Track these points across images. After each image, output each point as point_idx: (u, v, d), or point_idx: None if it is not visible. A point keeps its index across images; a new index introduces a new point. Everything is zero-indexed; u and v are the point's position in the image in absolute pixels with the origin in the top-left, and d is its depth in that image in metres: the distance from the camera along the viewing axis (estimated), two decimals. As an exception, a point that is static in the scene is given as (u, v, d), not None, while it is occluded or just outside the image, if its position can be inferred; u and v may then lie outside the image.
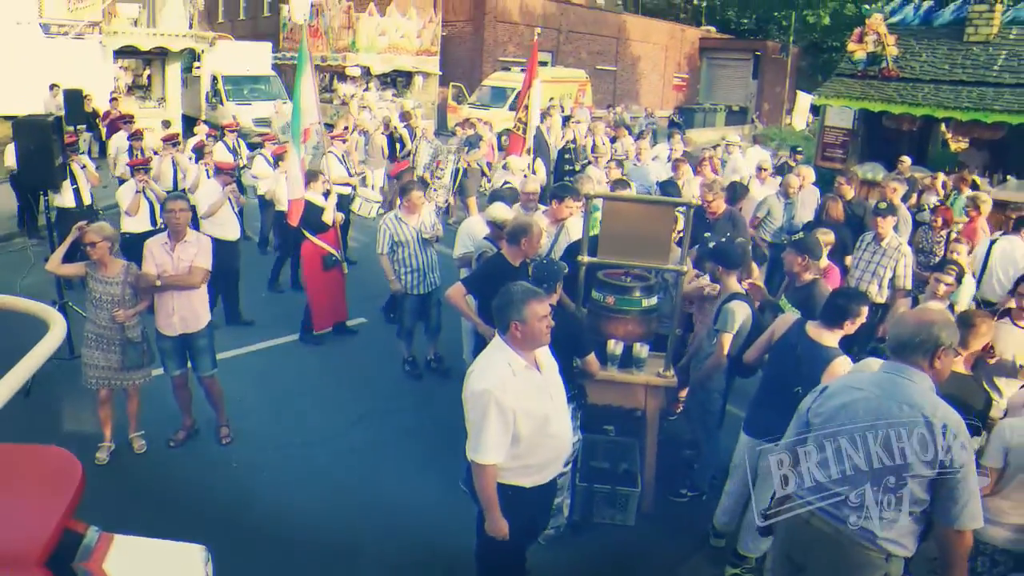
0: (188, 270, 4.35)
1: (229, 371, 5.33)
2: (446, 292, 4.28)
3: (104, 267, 4.20)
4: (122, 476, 4.31)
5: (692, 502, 4.31)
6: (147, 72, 21.40)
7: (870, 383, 2.37)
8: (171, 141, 8.53)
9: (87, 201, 7.34)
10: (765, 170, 8.15)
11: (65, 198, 7.10)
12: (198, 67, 18.95)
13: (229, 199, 6.55)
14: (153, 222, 6.59)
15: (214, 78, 18.16)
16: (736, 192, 6.48)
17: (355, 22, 21.31)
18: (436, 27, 23.15)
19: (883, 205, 5.47)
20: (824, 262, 4.96)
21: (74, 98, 10.82)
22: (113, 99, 13.76)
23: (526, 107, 7.63)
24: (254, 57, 19.45)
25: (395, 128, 12.64)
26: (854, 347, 4.07)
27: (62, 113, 9.99)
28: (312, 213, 6.03)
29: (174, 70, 16.97)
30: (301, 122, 6.10)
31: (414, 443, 4.87)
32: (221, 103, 17.89)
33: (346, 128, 11.23)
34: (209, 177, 7.48)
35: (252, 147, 10.68)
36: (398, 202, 6.01)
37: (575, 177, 7.52)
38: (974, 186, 8.01)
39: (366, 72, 21.55)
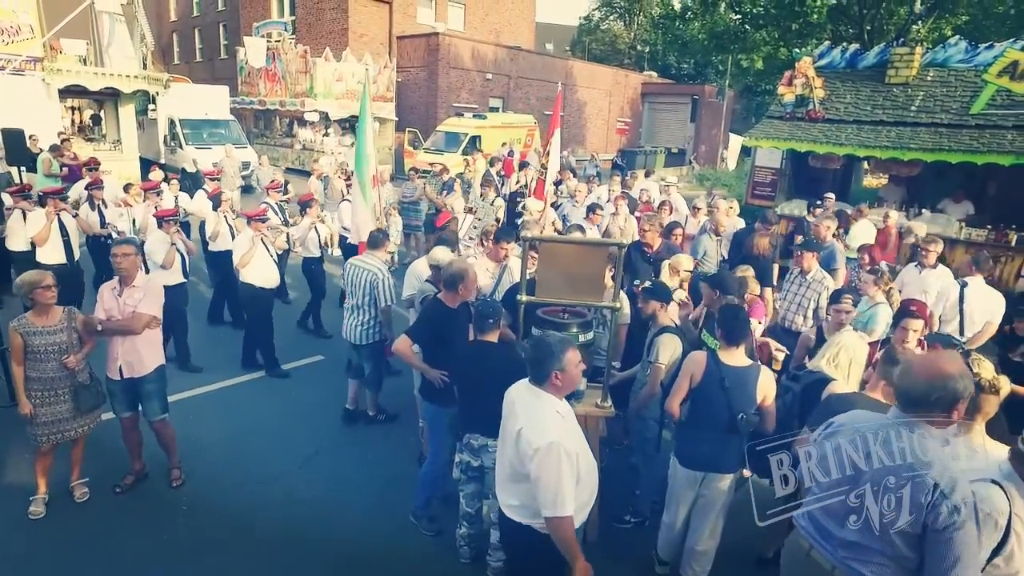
0: (132, 315, 4.34)
1: (181, 413, 5.36)
2: (394, 346, 4.32)
3: (44, 316, 4.13)
4: (61, 528, 4.20)
5: (635, 528, 4.48)
6: (89, 112, 21.02)
7: (877, 428, 2.34)
8: (153, 190, 8.29)
9: (77, 256, 7.13)
10: (699, 209, 8.58)
11: (53, 254, 6.86)
12: (153, 109, 18.88)
13: (267, 247, 6.61)
14: (186, 274, 6.67)
15: (171, 121, 18.13)
16: (670, 228, 6.83)
17: (312, 67, 21.65)
18: (391, 73, 23.64)
19: (800, 239, 5.85)
20: (752, 295, 5.31)
21: (14, 138, 10.32)
22: (64, 140, 13.29)
23: (548, 152, 8.15)
24: (212, 101, 19.47)
25: (352, 172, 12.88)
26: (780, 376, 4.37)
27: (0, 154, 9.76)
28: None
29: (127, 112, 16.69)
30: (367, 168, 6.45)
31: (367, 478, 4.96)
32: (180, 147, 17.86)
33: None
34: (231, 226, 7.74)
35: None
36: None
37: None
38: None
39: (324, 117, 21.83)
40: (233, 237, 7.67)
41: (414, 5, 27.17)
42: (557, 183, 12.00)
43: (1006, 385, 3.10)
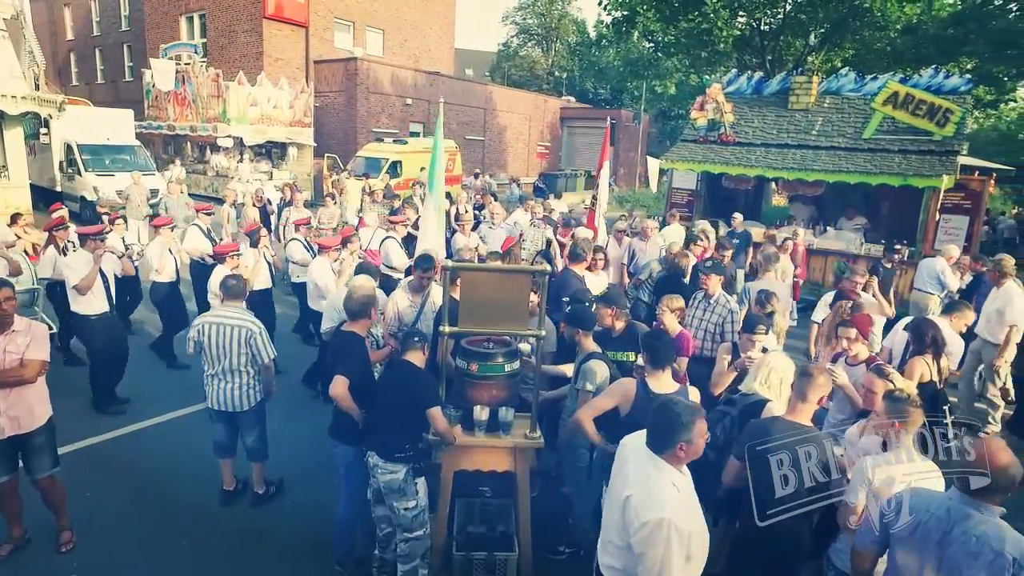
0: (19, 363, 3.90)
1: (72, 466, 4.87)
2: (331, 391, 3.88)
3: None
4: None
5: (571, 558, 4.36)
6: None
7: (944, 509, 2.53)
8: (167, 225, 7.59)
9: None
10: (621, 231, 8.72)
11: (95, 303, 6.13)
12: (46, 133, 17.58)
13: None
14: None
15: (68, 146, 16.93)
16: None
17: (224, 91, 20.91)
18: (308, 98, 23.15)
19: (708, 263, 5.94)
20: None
21: None
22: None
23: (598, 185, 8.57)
24: (115, 125, 18.28)
25: (268, 200, 12.49)
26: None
27: None
28: None
29: (15, 136, 15.25)
30: (440, 192, 6.67)
31: (284, 527, 4.64)
32: (79, 174, 16.65)
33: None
34: (270, 264, 7.38)
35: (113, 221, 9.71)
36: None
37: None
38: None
39: (239, 142, 21.06)
40: (272, 276, 7.45)
41: (331, 29, 26.78)
42: (479, 207, 12.01)
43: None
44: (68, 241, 7.37)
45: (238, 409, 4.68)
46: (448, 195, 14.56)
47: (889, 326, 6.09)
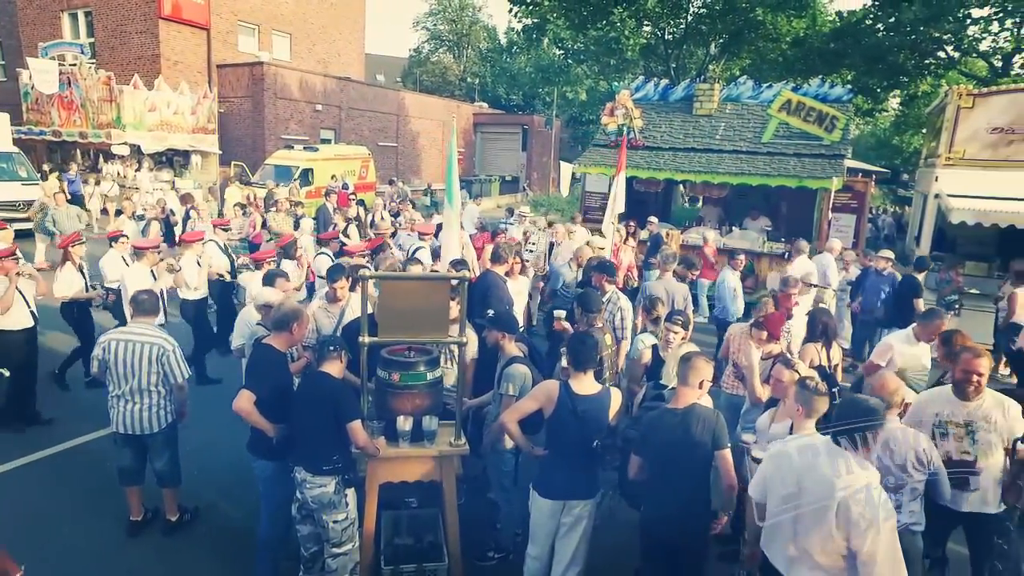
0: None
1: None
2: (235, 406, 3.75)
3: None
4: None
5: (500, 563, 4.37)
6: None
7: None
8: (199, 240, 7.23)
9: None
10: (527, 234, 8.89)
11: None
12: (-99, 140, 15.92)
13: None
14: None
15: (-68, 154, 15.39)
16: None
17: (118, 95, 19.61)
18: (212, 103, 22.10)
19: (595, 262, 6.14)
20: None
21: None
22: None
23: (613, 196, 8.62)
24: (-13, 130, 16.82)
25: (171, 211, 11.88)
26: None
27: None
28: None
29: None
30: (457, 201, 6.76)
31: (207, 551, 4.40)
32: (-54, 183, 15.16)
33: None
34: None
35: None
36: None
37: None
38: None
39: (136, 150, 19.80)
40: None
41: (235, 32, 25.69)
42: (396, 214, 11.87)
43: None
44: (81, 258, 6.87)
45: (147, 431, 4.41)
46: (362, 202, 14.31)
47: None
